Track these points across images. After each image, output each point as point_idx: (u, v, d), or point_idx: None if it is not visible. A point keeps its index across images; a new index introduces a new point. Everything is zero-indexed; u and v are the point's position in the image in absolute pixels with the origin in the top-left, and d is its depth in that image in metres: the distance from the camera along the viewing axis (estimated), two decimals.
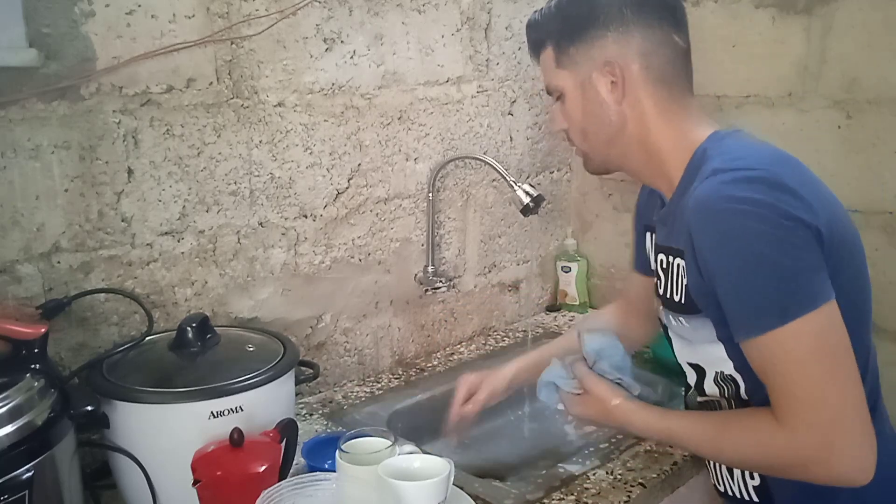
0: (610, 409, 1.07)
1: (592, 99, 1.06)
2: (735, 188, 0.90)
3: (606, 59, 1.03)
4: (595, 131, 1.08)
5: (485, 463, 1.53)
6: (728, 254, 0.90)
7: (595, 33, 1.03)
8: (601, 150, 1.10)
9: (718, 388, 1.06)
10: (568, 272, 2.03)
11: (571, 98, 1.08)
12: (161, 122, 1.26)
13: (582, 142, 1.11)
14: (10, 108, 1.12)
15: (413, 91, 1.62)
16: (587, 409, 1.11)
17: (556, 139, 1.99)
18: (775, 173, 0.91)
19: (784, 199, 0.88)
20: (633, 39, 1.02)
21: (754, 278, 0.89)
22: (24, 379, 0.91)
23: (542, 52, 1.11)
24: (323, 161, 1.49)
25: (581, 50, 1.05)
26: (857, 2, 1.50)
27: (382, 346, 1.68)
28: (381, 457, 0.98)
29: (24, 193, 1.15)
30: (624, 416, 1.07)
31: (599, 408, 1.09)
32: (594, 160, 1.13)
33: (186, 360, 1.16)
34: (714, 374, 1.05)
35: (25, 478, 0.86)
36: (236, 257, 1.40)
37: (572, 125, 1.10)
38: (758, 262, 0.88)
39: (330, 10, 1.44)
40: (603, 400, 1.08)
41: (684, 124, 1.04)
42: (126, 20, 1.20)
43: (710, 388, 1.07)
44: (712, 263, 0.92)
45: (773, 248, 0.88)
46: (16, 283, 1.16)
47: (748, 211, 0.88)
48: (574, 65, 1.06)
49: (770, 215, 0.88)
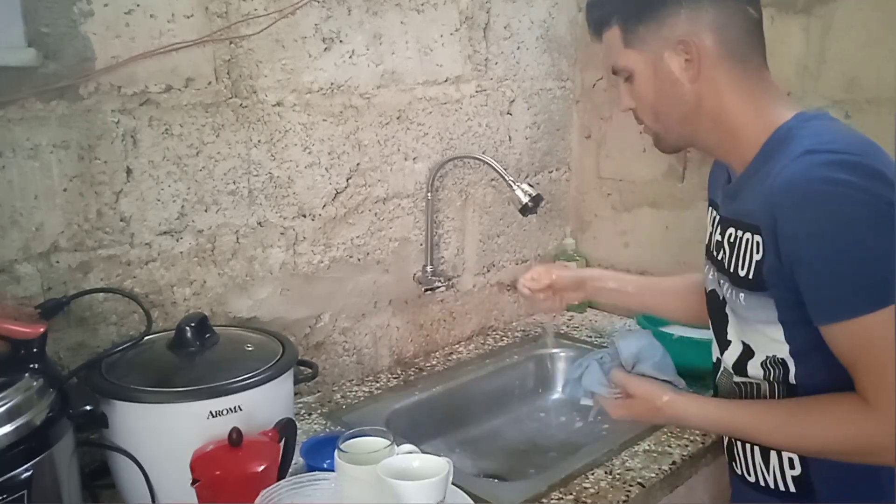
0: (660, 406, 1.05)
1: (665, 78, 1.02)
2: (833, 171, 0.88)
3: (680, 37, 0.99)
4: (668, 111, 1.04)
5: (485, 463, 1.53)
6: (824, 236, 0.89)
7: (667, 11, 0.99)
8: (674, 128, 1.06)
9: (764, 371, 1.03)
10: None
11: (642, 78, 1.03)
12: (160, 121, 1.26)
13: (654, 122, 1.07)
14: (9, 107, 1.11)
15: (412, 91, 1.62)
16: (632, 411, 1.09)
17: (555, 138, 1.99)
18: (870, 159, 0.90)
19: (879, 185, 0.88)
20: (706, 13, 0.98)
21: (850, 262, 0.88)
22: (23, 378, 0.91)
23: (607, 31, 1.06)
24: (322, 161, 1.49)
25: (651, 29, 1.01)
26: (856, 1, 1.50)
27: (381, 346, 1.68)
28: (380, 456, 0.98)
29: (22, 193, 1.14)
30: (677, 410, 1.05)
31: (647, 406, 1.07)
32: (667, 139, 1.09)
33: (185, 360, 1.16)
34: (763, 358, 1.03)
35: (24, 477, 0.86)
36: (235, 257, 1.40)
37: (642, 105, 1.06)
38: (856, 245, 0.87)
39: (329, 9, 1.44)
40: (650, 399, 1.06)
41: (760, 100, 1.01)
42: (125, 20, 1.20)
43: (755, 370, 1.05)
44: (802, 244, 0.90)
45: (873, 232, 0.87)
46: (15, 283, 1.15)
47: (848, 195, 0.87)
48: (643, 44, 1.02)
49: (870, 200, 0.87)
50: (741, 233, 1.02)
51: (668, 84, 1.02)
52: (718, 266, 1.10)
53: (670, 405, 1.05)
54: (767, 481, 1.07)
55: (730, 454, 1.16)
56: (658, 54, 1.01)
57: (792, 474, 1.04)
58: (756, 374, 1.05)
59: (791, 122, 0.99)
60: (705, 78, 1.00)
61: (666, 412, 1.06)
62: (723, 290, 1.08)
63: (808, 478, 1.03)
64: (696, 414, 1.05)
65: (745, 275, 1.01)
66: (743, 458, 1.11)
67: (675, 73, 1.01)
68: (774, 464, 1.06)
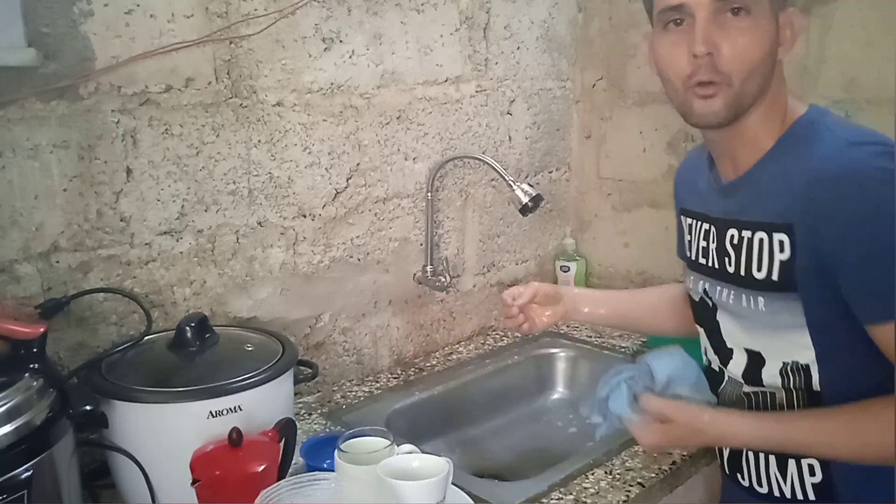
0: (702, 428, 0.99)
1: (771, 37, 0.94)
2: (887, 161, 0.87)
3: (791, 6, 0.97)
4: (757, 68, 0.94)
5: (485, 463, 1.53)
6: (880, 227, 0.85)
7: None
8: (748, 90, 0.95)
9: (782, 379, 0.99)
10: (567, 272, 2.03)
11: (755, 23, 0.93)
12: (160, 121, 1.26)
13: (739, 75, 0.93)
14: (9, 107, 1.11)
15: (412, 90, 1.62)
16: (669, 436, 1.02)
17: (555, 139, 1.99)
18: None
19: None
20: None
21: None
22: (23, 378, 0.91)
23: None
24: (322, 161, 1.49)
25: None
26: (856, 1, 1.50)
27: (381, 346, 1.68)
28: (380, 456, 0.97)
29: (22, 193, 1.14)
30: (722, 430, 1.00)
31: (688, 430, 1.00)
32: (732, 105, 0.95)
33: (185, 360, 1.16)
34: (780, 365, 0.99)
35: (24, 477, 0.86)
36: (235, 257, 1.40)
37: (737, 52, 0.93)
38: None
39: (329, 9, 1.44)
40: (691, 421, 1.00)
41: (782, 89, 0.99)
42: (125, 20, 1.20)
43: (771, 379, 1.00)
44: (851, 238, 0.87)
45: None
46: (15, 283, 1.15)
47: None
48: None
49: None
50: (751, 233, 0.98)
51: (770, 44, 0.95)
52: (710, 272, 1.06)
53: (714, 425, 0.99)
54: (784, 491, 1.04)
55: (733, 466, 1.11)
56: (777, 9, 0.95)
57: (812, 481, 1.01)
58: (773, 383, 1.01)
59: (810, 115, 0.97)
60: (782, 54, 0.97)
61: (710, 433, 1.00)
62: (716, 296, 1.05)
63: (829, 484, 1.00)
64: (744, 431, 0.99)
65: (764, 277, 0.97)
66: (754, 469, 1.07)
67: (785, 36, 0.96)
68: (793, 472, 1.02)
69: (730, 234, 1.02)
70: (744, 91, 0.95)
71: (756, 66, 0.94)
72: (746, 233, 0.99)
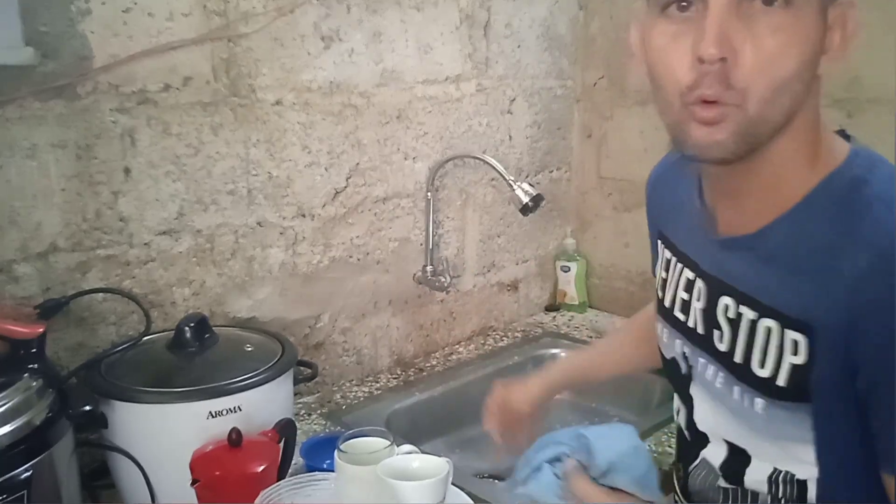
0: None
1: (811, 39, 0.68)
2: None
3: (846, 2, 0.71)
4: (787, 93, 0.68)
5: (485, 463, 1.53)
6: None
7: None
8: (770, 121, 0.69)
9: (771, 486, 0.78)
10: (567, 272, 2.03)
11: (803, 26, 0.67)
12: (158, 120, 1.26)
13: (763, 103, 0.67)
14: (7, 106, 1.11)
15: (412, 89, 1.61)
16: None
17: (556, 138, 1.98)
18: None
19: None
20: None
21: None
22: (23, 379, 0.91)
23: None
24: (321, 160, 1.48)
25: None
26: (856, 1, 1.50)
27: (381, 346, 1.68)
28: (380, 457, 0.97)
29: (21, 193, 1.14)
30: None
31: None
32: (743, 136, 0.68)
33: (184, 360, 1.15)
34: (771, 471, 0.78)
35: (24, 478, 0.86)
36: (234, 257, 1.40)
37: (764, 57, 0.66)
38: None
39: (328, 7, 1.44)
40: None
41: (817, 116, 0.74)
42: (123, 18, 1.20)
43: (756, 484, 0.80)
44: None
45: None
46: (13, 283, 1.15)
47: None
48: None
49: None
50: (756, 315, 0.75)
51: (812, 51, 0.68)
52: (692, 338, 0.83)
53: None
54: None
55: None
56: (824, 6, 0.69)
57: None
58: (758, 488, 0.80)
59: (856, 166, 0.72)
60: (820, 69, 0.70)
61: None
62: (698, 368, 0.84)
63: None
64: None
65: (768, 377, 0.74)
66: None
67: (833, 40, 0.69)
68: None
69: (724, 303, 0.78)
70: (763, 117, 0.68)
71: (785, 84, 0.67)
72: (748, 312, 0.75)
